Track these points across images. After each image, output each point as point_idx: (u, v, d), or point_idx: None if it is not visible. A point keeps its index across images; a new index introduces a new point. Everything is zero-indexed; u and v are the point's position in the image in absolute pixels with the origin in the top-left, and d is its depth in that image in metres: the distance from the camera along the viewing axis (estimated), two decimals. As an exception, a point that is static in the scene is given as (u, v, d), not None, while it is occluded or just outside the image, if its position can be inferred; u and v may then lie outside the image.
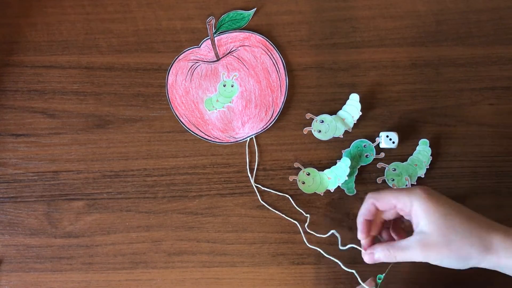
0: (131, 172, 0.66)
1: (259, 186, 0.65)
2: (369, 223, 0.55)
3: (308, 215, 0.64)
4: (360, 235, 0.55)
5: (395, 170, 0.65)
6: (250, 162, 0.66)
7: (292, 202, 0.65)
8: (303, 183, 0.65)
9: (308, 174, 0.65)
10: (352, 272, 0.60)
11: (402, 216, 0.55)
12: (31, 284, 0.64)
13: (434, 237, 0.49)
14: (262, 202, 0.65)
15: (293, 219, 0.65)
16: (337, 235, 0.59)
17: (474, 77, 0.66)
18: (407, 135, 0.66)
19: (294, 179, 0.65)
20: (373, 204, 0.53)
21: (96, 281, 0.64)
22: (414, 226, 0.51)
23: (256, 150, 0.66)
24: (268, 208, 0.65)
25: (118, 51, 0.67)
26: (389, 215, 0.54)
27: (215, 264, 0.65)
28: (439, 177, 0.65)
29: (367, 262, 0.54)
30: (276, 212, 0.65)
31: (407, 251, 0.50)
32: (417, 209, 0.50)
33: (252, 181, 0.65)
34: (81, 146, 0.66)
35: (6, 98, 0.67)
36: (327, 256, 0.63)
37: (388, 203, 0.52)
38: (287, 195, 0.65)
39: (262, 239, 0.65)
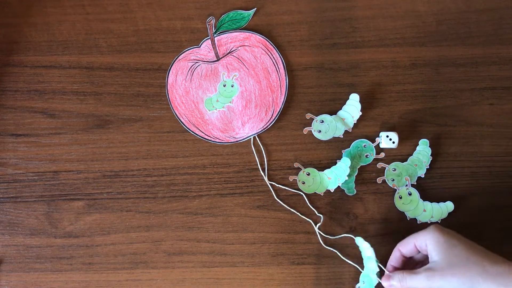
0: (131, 172, 0.66)
1: (273, 183, 0.65)
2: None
3: (321, 215, 0.64)
4: (384, 279, 0.60)
5: (395, 170, 0.65)
6: (252, 162, 0.66)
7: (306, 200, 0.65)
8: (303, 183, 0.65)
9: (308, 174, 0.65)
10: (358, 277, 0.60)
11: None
12: (31, 284, 0.64)
13: (440, 264, 0.55)
14: (278, 200, 0.65)
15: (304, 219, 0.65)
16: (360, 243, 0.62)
17: (474, 77, 0.66)
18: (407, 135, 0.66)
19: (294, 179, 0.65)
20: (399, 251, 0.60)
21: (96, 281, 0.64)
22: (429, 260, 0.56)
23: (262, 149, 0.66)
24: (274, 208, 0.65)
25: (118, 51, 0.67)
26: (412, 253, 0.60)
27: (215, 264, 0.65)
28: (439, 177, 0.65)
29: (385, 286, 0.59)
30: (292, 210, 0.65)
31: (415, 277, 0.56)
32: (430, 244, 0.56)
33: (265, 179, 0.65)
34: (81, 146, 0.66)
35: (6, 98, 0.67)
36: (344, 258, 0.63)
37: (410, 246, 0.58)
38: (301, 193, 0.65)
39: (262, 239, 0.65)
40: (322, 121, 0.65)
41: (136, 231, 0.65)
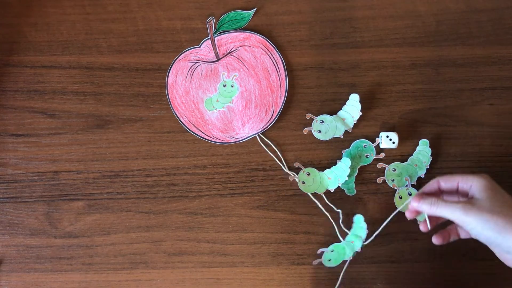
0: (131, 172, 0.66)
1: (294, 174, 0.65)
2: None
3: (339, 210, 0.64)
4: (415, 198, 0.57)
5: (395, 170, 0.65)
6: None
7: (324, 197, 0.64)
8: (303, 183, 0.65)
9: (308, 174, 0.65)
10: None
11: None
12: (31, 284, 0.64)
13: (481, 202, 0.53)
14: (313, 199, 0.65)
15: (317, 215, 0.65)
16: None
17: (474, 77, 0.66)
18: (407, 135, 0.66)
19: (294, 179, 0.65)
20: (438, 182, 0.57)
21: (96, 281, 0.64)
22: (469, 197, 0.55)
23: (271, 143, 0.65)
24: (274, 208, 0.65)
25: (118, 51, 0.67)
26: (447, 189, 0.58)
27: (215, 264, 0.65)
28: (439, 177, 0.65)
29: (410, 210, 0.57)
30: (317, 203, 0.65)
31: (450, 207, 0.53)
32: (476, 185, 0.54)
33: (286, 169, 0.65)
34: (81, 146, 0.66)
35: (6, 98, 0.67)
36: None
37: (452, 182, 0.56)
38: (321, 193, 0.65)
39: (262, 239, 0.65)
40: (322, 121, 0.65)
41: (136, 231, 0.65)
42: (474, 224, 0.52)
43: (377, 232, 0.60)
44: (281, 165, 0.65)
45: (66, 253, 0.65)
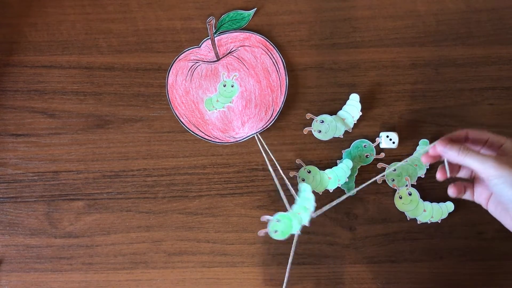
0: (131, 172, 0.66)
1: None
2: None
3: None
4: (441, 142, 0.54)
5: (395, 170, 0.65)
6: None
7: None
8: (303, 180, 0.65)
9: (309, 172, 0.65)
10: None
11: None
12: (31, 284, 0.64)
13: None
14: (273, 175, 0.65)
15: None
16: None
17: (474, 77, 0.66)
18: (407, 135, 0.66)
19: (294, 175, 0.65)
20: (467, 132, 0.55)
21: (96, 281, 0.64)
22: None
23: (266, 148, 0.65)
24: (274, 208, 0.65)
25: (118, 51, 0.67)
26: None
27: (215, 264, 0.65)
28: (439, 177, 0.65)
29: (431, 153, 0.55)
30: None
31: (482, 158, 0.50)
32: (509, 142, 0.52)
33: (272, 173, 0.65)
34: (81, 146, 0.66)
35: (6, 98, 0.67)
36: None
37: (482, 135, 0.54)
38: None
39: (262, 239, 0.65)
40: (322, 121, 0.65)
41: (136, 231, 0.65)
42: (503, 179, 0.49)
43: (328, 207, 0.58)
44: (270, 168, 0.64)
45: (66, 253, 0.65)
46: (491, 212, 0.55)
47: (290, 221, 0.57)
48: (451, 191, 0.56)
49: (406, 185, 0.64)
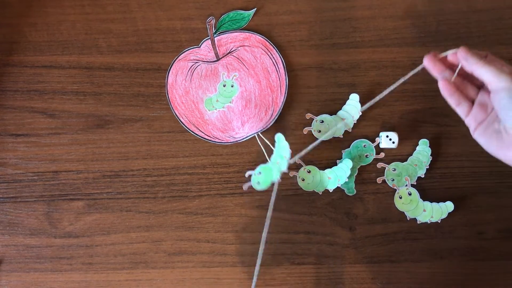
0: (131, 172, 0.66)
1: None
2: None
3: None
4: (465, 48, 0.53)
5: (395, 170, 0.65)
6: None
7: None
8: (303, 180, 0.65)
9: (309, 172, 0.65)
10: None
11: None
12: (31, 284, 0.64)
13: None
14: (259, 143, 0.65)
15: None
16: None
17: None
18: (407, 135, 0.65)
19: (294, 175, 0.65)
20: (487, 54, 0.54)
21: (96, 281, 0.64)
22: None
23: (264, 147, 0.66)
24: (274, 208, 0.65)
25: (118, 51, 0.67)
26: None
27: (215, 264, 0.65)
28: (439, 177, 0.65)
29: (448, 57, 0.54)
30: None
31: (500, 69, 0.51)
32: None
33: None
34: (81, 146, 0.66)
35: (6, 98, 0.67)
36: None
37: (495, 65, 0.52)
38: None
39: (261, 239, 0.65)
40: (322, 121, 0.65)
41: (136, 231, 0.65)
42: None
43: (304, 152, 0.57)
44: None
45: (66, 253, 0.65)
46: (477, 137, 0.54)
47: (271, 171, 0.58)
48: (442, 84, 0.55)
49: (406, 185, 0.64)
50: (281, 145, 0.58)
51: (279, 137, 0.58)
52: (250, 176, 0.59)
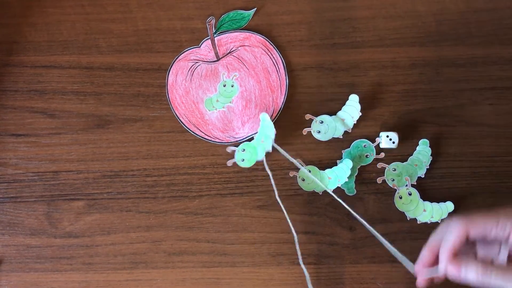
0: (131, 172, 0.66)
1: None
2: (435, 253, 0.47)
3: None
4: (450, 263, 0.44)
5: (395, 170, 0.65)
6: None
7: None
8: (303, 180, 0.65)
9: (309, 172, 0.65)
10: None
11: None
12: (31, 284, 0.64)
13: None
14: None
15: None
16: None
17: (474, 77, 0.66)
18: (407, 135, 0.66)
19: (294, 175, 0.65)
20: (466, 232, 0.44)
21: (96, 281, 0.64)
22: None
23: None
24: (274, 208, 0.65)
25: (118, 51, 0.67)
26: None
27: (215, 264, 0.65)
28: (439, 177, 0.65)
29: (436, 278, 0.47)
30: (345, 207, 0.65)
31: (509, 272, 0.41)
32: None
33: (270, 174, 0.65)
34: (81, 146, 0.66)
35: (6, 98, 0.67)
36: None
37: (484, 229, 0.44)
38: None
39: (262, 239, 0.65)
40: (322, 122, 0.65)
41: (136, 231, 0.65)
42: None
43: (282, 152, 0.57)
44: (267, 168, 0.65)
45: (66, 253, 0.65)
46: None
47: (255, 149, 0.60)
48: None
49: (406, 185, 0.64)
50: (266, 124, 0.58)
51: (264, 116, 0.59)
52: (233, 151, 0.60)
